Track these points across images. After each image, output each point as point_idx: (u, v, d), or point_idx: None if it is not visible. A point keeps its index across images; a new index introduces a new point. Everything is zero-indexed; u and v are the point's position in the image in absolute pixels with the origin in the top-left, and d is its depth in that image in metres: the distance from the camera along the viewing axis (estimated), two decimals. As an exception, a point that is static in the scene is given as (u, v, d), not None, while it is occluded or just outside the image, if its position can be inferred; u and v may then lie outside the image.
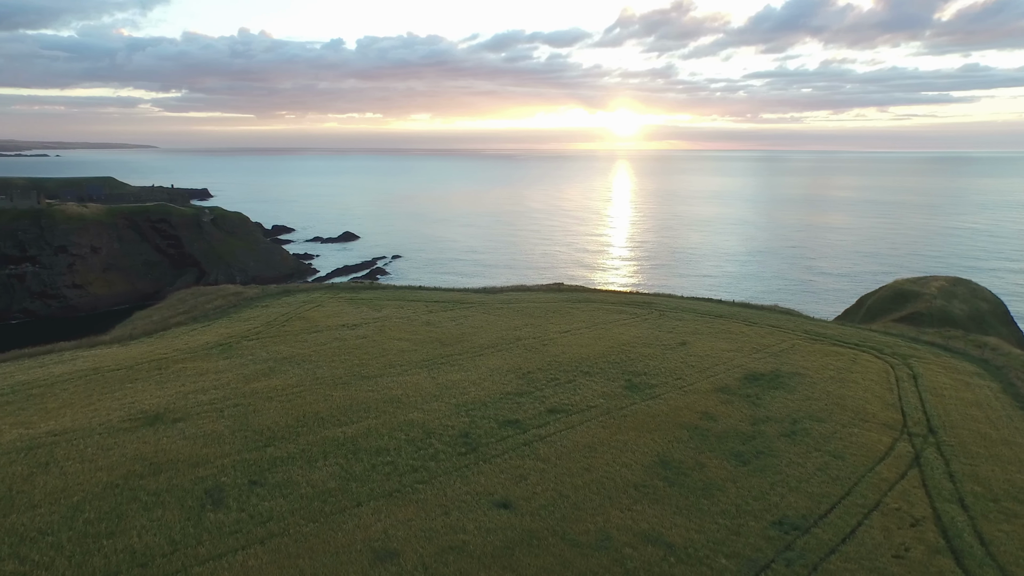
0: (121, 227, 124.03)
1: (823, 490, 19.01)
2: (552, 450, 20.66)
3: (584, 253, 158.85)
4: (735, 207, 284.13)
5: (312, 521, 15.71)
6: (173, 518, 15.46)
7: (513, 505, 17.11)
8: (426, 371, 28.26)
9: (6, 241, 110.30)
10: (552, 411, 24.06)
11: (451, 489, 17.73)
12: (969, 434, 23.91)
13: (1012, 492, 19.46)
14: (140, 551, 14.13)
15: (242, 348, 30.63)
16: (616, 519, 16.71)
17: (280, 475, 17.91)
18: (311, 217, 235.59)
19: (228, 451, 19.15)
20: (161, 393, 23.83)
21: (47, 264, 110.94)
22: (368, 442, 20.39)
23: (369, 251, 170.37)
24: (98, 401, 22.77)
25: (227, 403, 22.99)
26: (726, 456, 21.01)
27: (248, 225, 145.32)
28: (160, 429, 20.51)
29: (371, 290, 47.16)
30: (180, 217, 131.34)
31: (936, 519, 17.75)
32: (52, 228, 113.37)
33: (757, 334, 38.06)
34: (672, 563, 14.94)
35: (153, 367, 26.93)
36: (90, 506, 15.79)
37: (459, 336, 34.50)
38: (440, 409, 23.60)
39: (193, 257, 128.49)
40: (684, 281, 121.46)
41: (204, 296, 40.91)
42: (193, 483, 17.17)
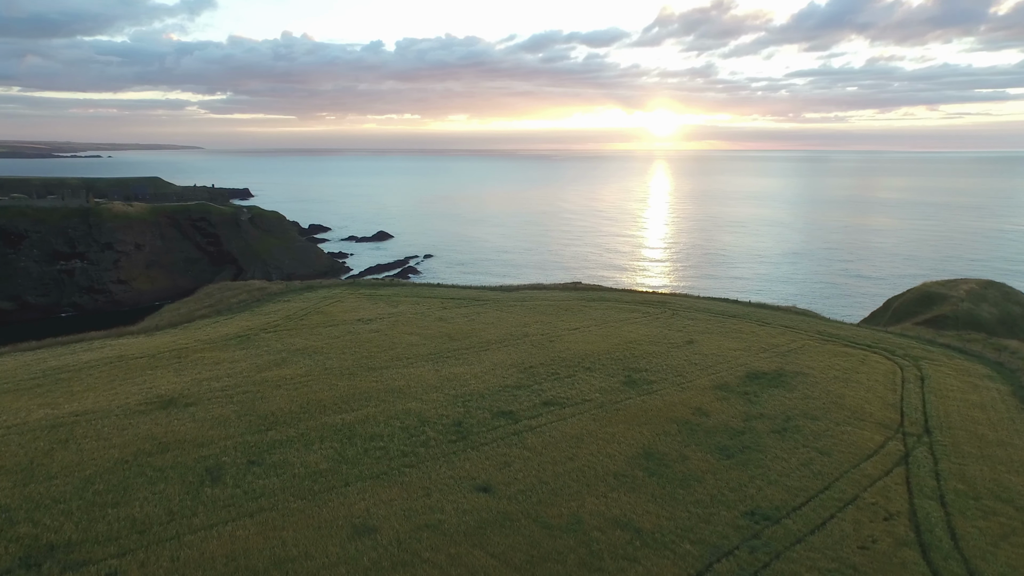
0: (163, 225, 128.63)
1: (802, 484, 19.33)
2: (540, 440, 21.40)
3: (614, 254, 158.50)
4: (774, 208, 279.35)
5: (300, 498, 16.78)
6: (174, 492, 16.71)
7: (493, 489, 17.92)
8: (431, 364, 29.26)
9: (57, 238, 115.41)
10: (546, 403, 24.78)
11: (436, 473, 18.63)
12: (965, 435, 23.80)
13: (996, 491, 19.46)
14: (140, 519, 15.38)
15: (259, 340, 32.11)
16: (590, 505, 17.37)
17: (277, 456, 19.06)
18: (347, 217, 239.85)
19: (232, 433, 20.41)
20: (178, 380, 25.33)
21: (94, 260, 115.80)
22: (364, 428, 21.44)
23: (402, 250, 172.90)
24: (119, 386, 24.37)
25: (237, 390, 24.35)
26: (711, 450, 21.44)
27: (284, 224, 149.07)
28: (172, 412, 21.93)
29: (390, 287, 48.47)
30: (219, 216, 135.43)
31: (911, 514, 17.94)
32: (99, 226, 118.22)
33: (768, 334, 38.07)
34: (637, 546, 15.55)
35: (173, 356, 28.54)
36: (100, 479, 17.16)
37: (469, 332, 35.43)
38: (438, 399, 24.54)
39: (231, 255, 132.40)
40: (712, 282, 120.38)
41: (230, 291, 42.73)
42: (196, 461, 18.43)
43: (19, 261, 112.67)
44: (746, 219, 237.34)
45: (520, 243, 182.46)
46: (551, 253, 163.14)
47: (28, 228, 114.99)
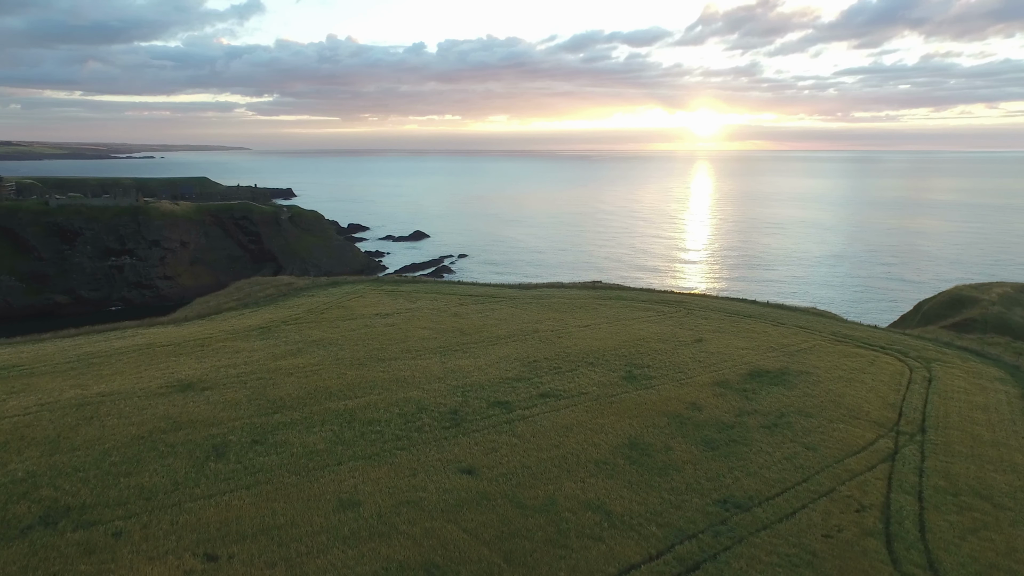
0: (207, 223, 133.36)
1: (780, 476, 19.79)
2: (530, 428, 22.30)
3: (647, 256, 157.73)
4: (818, 210, 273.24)
5: (295, 474, 18.08)
6: (181, 465, 18.20)
7: (476, 472, 18.93)
8: (438, 356, 30.41)
9: (109, 235, 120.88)
10: (543, 395, 25.66)
11: (425, 456, 19.73)
12: (960, 435, 23.79)
13: (977, 488, 19.58)
14: (147, 488, 16.88)
15: (279, 331, 33.80)
16: (567, 488, 18.22)
17: (279, 437, 20.44)
18: (385, 216, 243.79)
19: (241, 415, 21.90)
20: (198, 366, 27.07)
21: (142, 257, 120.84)
22: (364, 413, 22.69)
23: (437, 250, 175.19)
24: (144, 370, 26.20)
25: (251, 376, 25.92)
26: (696, 442, 22.01)
27: (322, 223, 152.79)
28: (189, 395, 23.57)
29: (412, 284, 49.92)
30: (260, 215, 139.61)
31: (884, 507, 18.26)
32: (148, 224, 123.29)
33: (780, 334, 38.14)
34: (604, 527, 16.35)
35: (197, 344, 30.37)
36: (117, 452, 18.78)
37: (480, 327, 36.50)
38: (439, 389, 25.66)
39: (271, 252, 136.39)
40: (744, 285, 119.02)
41: (259, 285, 44.74)
42: (205, 439, 19.93)
43: (74, 257, 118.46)
44: (787, 221, 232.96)
45: (554, 243, 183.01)
46: (584, 254, 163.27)
47: (83, 226, 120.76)
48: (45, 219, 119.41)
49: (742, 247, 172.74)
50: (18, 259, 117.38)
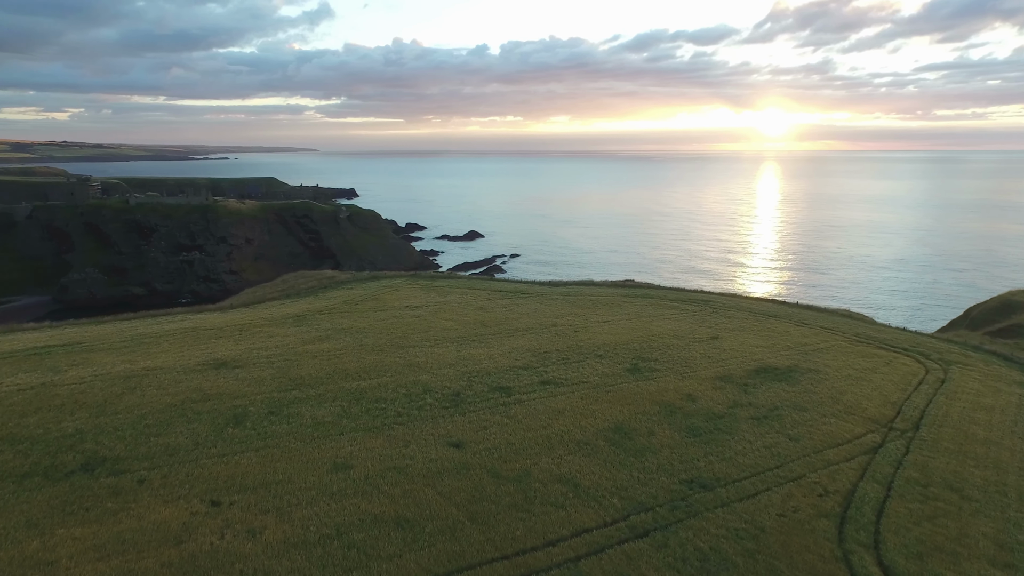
0: (271, 221, 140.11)
1: (754, 462, 20.67)
2: (524, 411, 23.85)
3: (700, 259, 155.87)
4: (889, 213, 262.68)
5: (300, 441, 20.26)
6: (203, 430, 20.67)
7: (463, 446, 20.65)
8: (455, 345, 32.29)
9: (181, 232, 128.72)
10: (544, 383, 27.14)
11: (420, 430, 21.60)
12: (953, 432, 23.94)
13: (950, 481, 19.95)
14: (172, 446, 19.38)
15: (313, 319, 36.45)
16: (544, 464, 19.71)
17: (293, 409, 22.72)
18: (443, 216, 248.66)
19: (263, 390, 24.35)
20: (234, 348, 29.84)
21: (211, 252, 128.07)
22: (373, 392, 24.78)
23: (490, 249, 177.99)
24: (186, 350, 29.14)
25: (279, 357, 28.46)
26: (680, 429, 23.05)
27: (379, 222, 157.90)
28: (222, 372, 26.24)
29: (447, 279, 52.10)
30: (320, 213, 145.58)
31: (849, 494, 18.94)
32: (216, 221, 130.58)
33: (800, 334, 38.27)
34: (569, 498, 17.78)
35: (237, 329, 33.27)
36: (151, 417, 21.44)
37: (502, 320, 38.20)
38: (447, 374, 27.52)
39: (330, 250, 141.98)
40: (794, 289, 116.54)
41: (303, 279, 47.83)
42: (228, 409, 22.41)
43: (150, 252, 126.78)
44: (853, 224, 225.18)
45: (606, 244, 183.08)
46: (635, 255, 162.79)
47: (158, 223, 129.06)
48: (125, 216, 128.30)
49: (801, 251, 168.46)
50: (101, 253, 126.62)
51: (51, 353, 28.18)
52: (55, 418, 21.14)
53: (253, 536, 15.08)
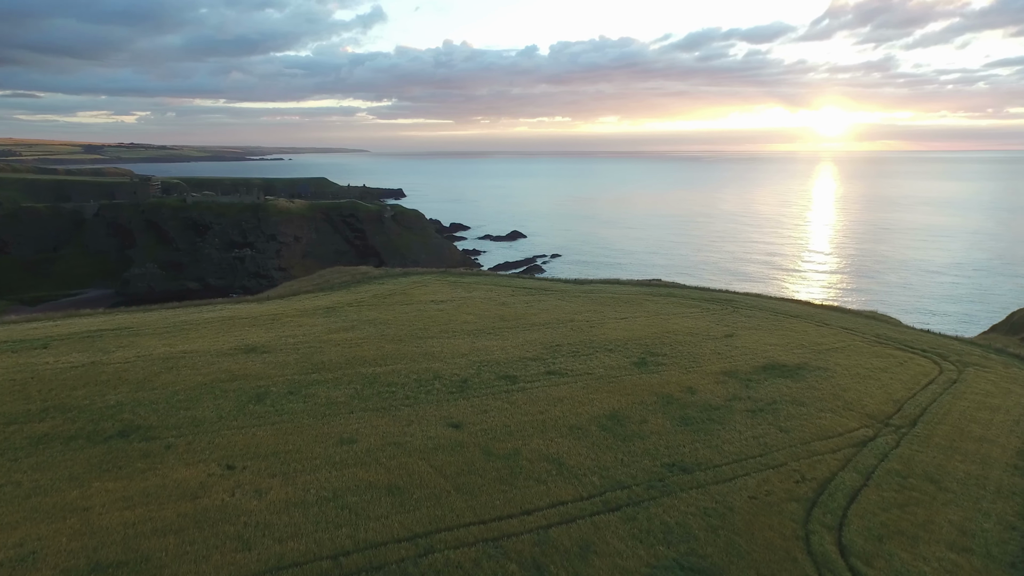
0: (318, 220, 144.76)
1: (738, 449, 21.51)
2: (525, 398, 25.20)
3: (742, 262, 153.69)
4: (952, 216, 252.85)
5: (312, 418, 22.12)
6: (227, 405, 22.76)
7: (462, 426, 22.15)
8: (471, 337, 33.84)
9: (233, 230, 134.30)
10: (550, 373, 28.43)
11: (424, 412, 23.20)
12: (949, 430, 24.17)
13: (930, 473, 20.39)
14: (198, 419, 21.50)
15: (342, 311, 38.59)
16: (535, 444, 21.04)
17: (310, 390, 24.65)
18: (487, 216, 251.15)
19: (286, 373, 26.39)
20: (265, 335, 32.11)
21: (261, 249, 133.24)
22: (387, 378, 26.53)
23: (532, 249, 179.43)
24: (221, 336, 31.55)
25: (305, 344, 30.56)
26: (674, 419, 24.00)
27: (423, 221, 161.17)
28: (251, 356, 28.45)
29: (475, 276, 53.79)
30: (366, 213, 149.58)
31: (826, 481, 19.63)
32: (266, 219, 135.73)
33: (818, 334, 38.42)
34: (552, 474, 19.07)
35: (270, 318, 35.63)
36: (183, 393, 23.68)
37: (521, 315, 39.57)
38: (459, 363, 29.09)
39: (375, 248, 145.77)
40: (840, 294, 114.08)
41: (337, 273, 50.26)
42: (251, 388, 24.49)
43: (204, 248, 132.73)
44: (911, 227, 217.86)
45: (648, 246, 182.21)
46: (677, 257, 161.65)
47: (212, 221, 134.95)
48: (182, 214, 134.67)
49: (851, 254, 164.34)
50: (160, 249, 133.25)
51: (102, 336, 31.00)
52: (100, 392, 23.60)
53: (259, 495, 16.92)
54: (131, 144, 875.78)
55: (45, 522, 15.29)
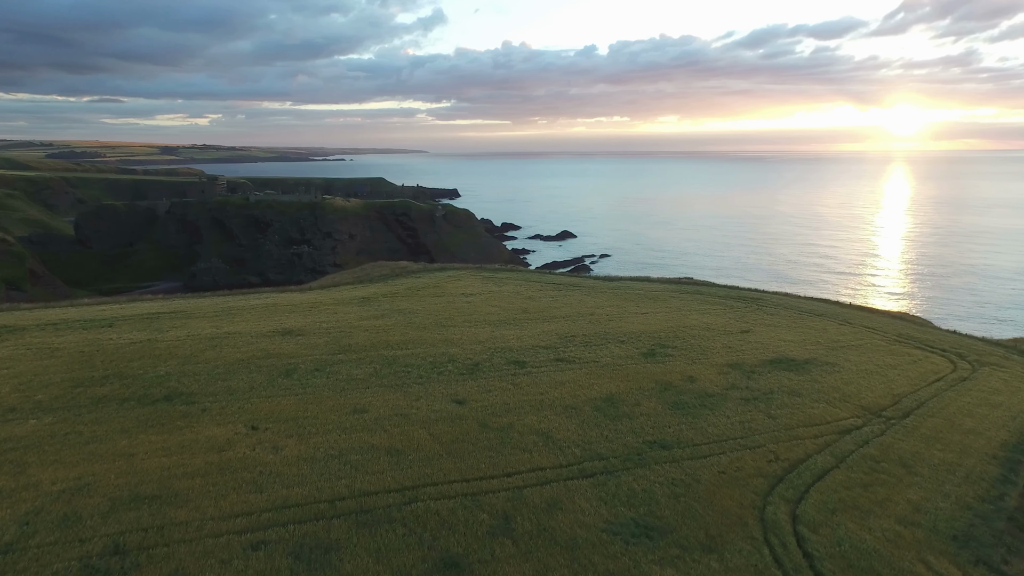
0: (372, 219, 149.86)
1: (721, 432, 22.82)
2: (530, 380, 27.10)
3: (796, 266, 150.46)
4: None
5: (332, 391, 24.65)
6: (259, 379, 25.56)
7: (465, 403, 24.25)
8: (492, 327, 35.92)
9: (292, 227, 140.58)
10: (559, 360, 30.23)
11: (433, 389, 25.42)
12: (939, 422, 24.73)
13: (904, 459, 21.22)
14: (232, 388, 24.35)
15: (376, 301, 41.33)
16: (528, 420, 22.93)
17: (334, 368, 27.24)
18: (539, 216, 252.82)
19: (315, 353, 29.11)
20: (302, 320, 35.07)
21: (317, 246, 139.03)
22: (404, 360, 28.90)
23: (581, 249, 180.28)
24: (262, 320, 34.67)
25: (336, 329, 33.31)
26: (668, 404, 25.41)
27: (473, 221, 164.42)
28: (286, 338, 31.35)
29: (509, 272, 55.85)
30: (418, 212, 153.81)
31: (798, 461, 20.79)
32: (323, 217, 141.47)
33: (837, 331, 38.78)
34: (538, 446, 20.93)
35: (308, 306, 38.66)
36: (223, 367, 26.65)
37: (544, 308, 41.40)
38: (474, 349, 31.22)
39: (426, 246, 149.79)
40: (893, 298, 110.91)
41: (377, 268, 53.23)
42: (282, 365, 27.28)
43: (265, 245, 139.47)
44: (983, 231, 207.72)
45: (701, 247, 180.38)
46: (733, 259, 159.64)
47: (273, 218, 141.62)
48: (245, 212, 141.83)
49: (915, 258, 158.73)
50: (224, 245, 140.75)
51: (159, 317, 34.60)
52: (152, 364, 26.82)
53: (276, 451, 19.47)
54: (203, 146, 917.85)
55: (99, 463, 18.23)
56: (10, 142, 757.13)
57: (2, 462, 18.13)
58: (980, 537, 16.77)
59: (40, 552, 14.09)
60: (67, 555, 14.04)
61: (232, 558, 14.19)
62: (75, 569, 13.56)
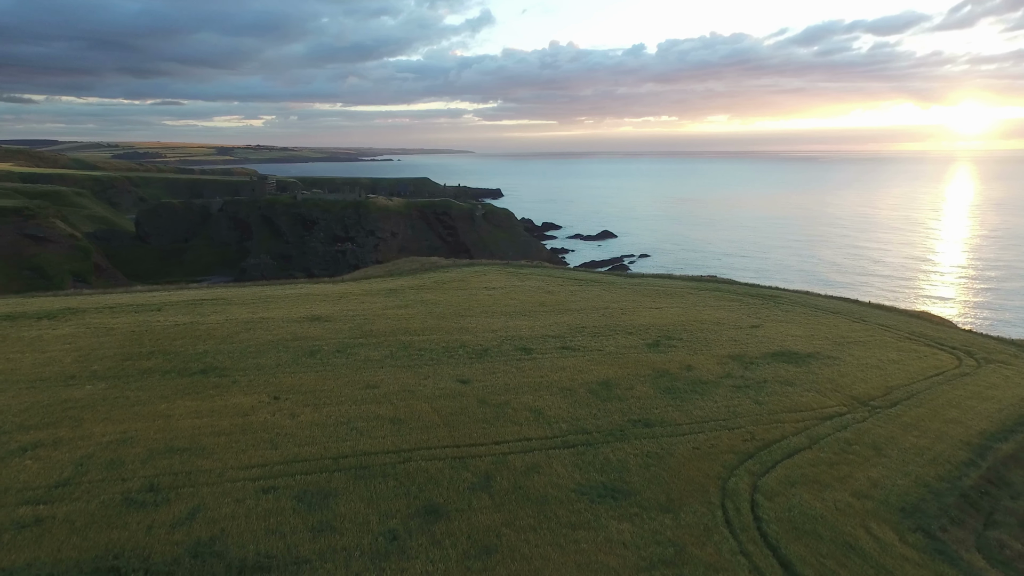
0: (414, 217, 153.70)
1: (706, 414, 24.29)
2: (533, 365, 29.03)
3: (837, 270, 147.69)
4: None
5: (349, 369, 27.11)
6: (286, 357, 28.23)
7: (469, 382, 26.36)
8: (507, 318, 37.95)
9: (336, 225, 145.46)
10: (564, 347, 32.06)
11: (442, 370, 27.62)
12: (925, 412, 25.60)
13: (878, 443, 22.31)
14: (261, 364, 27.09)
15: (402, 292, 43.88)
16: (525, 399, 24.87)
17: (354, 350, 29.73)
18: (580, 216, 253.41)
19: (338, 337, 31.70)
20: (330, 308, 37.81)
21: (361, 244, 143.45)
22: (420, 344, 31.20)
23: (621, 249, 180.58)
24: (294, 308, 37.55)
25: (360, 317, 35.90)
26: (661, 389, 26.97)
27: (512, 220, 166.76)
28: (314, 323, 34.07)
29: (533, 268, 57.77)
30: (458, 211, 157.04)
31: (773, 441, 22.14)
32: (366, 216, 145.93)
33: (849, 328, 39.41)
34: (529, 419, 22.86)
35: (338, 296, 41.44)
36: (254, 347, 29.46)
37: (561, 302, 43.20)
38: (487, 337, 33.31)
39: (465, 245, 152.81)
40: (933, 301, 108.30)
41: (408, 262, 55.91)
42: (308, 346, 29.93)
43: (311, 242, 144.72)
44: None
45: (744, 248, 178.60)
46: (775, 261, 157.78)
47: (318, 216, 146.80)
48: (292, 210, 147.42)
49: (970, 262, 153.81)
50: (273, 242, 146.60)
51: (202, 304, 37.88)
52: (192, 343, 29.85)
53: (293, 416, 21.97)
54: (257, 146, 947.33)
55: (141, 421, 21.05)
56: (81, 144, 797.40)
57: (63, 417, 21.15)
58: (927, 510, 17.97)
59: (91, 486, 16.86)
60: (112, 490, 16.75)
61: (245, 498, 16.65)
62: (117, 500, 16.23)
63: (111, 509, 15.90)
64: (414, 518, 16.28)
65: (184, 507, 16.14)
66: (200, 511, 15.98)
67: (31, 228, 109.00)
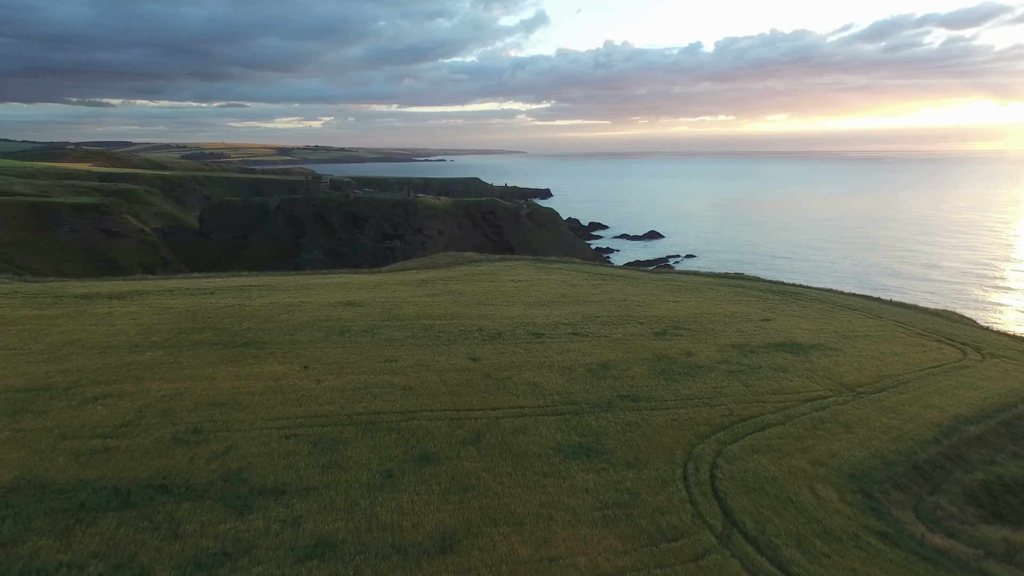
0: (460, 216, 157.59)
1: (692, 393, 26.30)
2: (541, 347, 31.53)
3: (888, 273, 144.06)
4: None
5: (373, 346, 30.22)
6: (318, 335, 31.59)
7: (479, 360, 29.07)
8: (526, 307, 40.49)
9: (386, 223, 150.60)
10: (574, 334, 34.42)
11: (456, 349, 30.43)
12: (906, 398, 26.91)
13: (847, 421, 23.93)
14: (296, 340, 30.50)
15: (433, 283, 46.98)
16: (527, 375, 27.41)
17: (381, 331, 32.87)
18: (628, 216, 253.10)
19: (367, 319, 34.94)
20: (364, 295, 41.17)
21: (408, 241, 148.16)
22: (440, 327, 34.11)
23: (667, 249, 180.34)
24: (332, 294, 41.09)
25: (390, 303, 39.09)
26: (657, 370, 29.05)
27: (556, 219, 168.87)
28: (348, 308, 37.44)
29: (562, 263, 60.12)
30: (503, 210, 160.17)
31: (749, 417, 23.99)
32: (414, 214, 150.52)
33: (862, 324, 40.39)
34: (527, 391, 25.41)
35: (373, 285, 44.83)
36: (291, 326, 32.95)
37: (582, 294, 45.46)
38: (503, 323, 35.96)
39: (510, 243, 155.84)
40: (982, 307, 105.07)
41: (443, 256, 59.08)
42: (339, 326, 33.23)
43: (361, 239, 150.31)
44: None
45: (794, 250, 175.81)
46: (826, 263, 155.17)
47: (369, 215, 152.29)
48: (344, 208, 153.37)
49: None
50: (325, 239, 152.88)
51: (250, 289, 41.86)
52: (238, 321, 33.59)
53: (318, 382, 25.16)
54: (315, 147, 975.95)
55: (190, 381, 24.64)
56: (152, 144, 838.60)
57: (127, 376, 24.94)
58: (874, 476, 19.68)
59: (147, 427, 20.39)
60: (163, 431, 20.23)
61: (270, 441, 19.84)
62: (167, 438, 19.67)
63: (162, 444, 19.32)
64: (408, 462, 19.10)
65: (220, 446, 19.41)
66: (232, 449, 19.22)
67: (106, 223, 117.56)
